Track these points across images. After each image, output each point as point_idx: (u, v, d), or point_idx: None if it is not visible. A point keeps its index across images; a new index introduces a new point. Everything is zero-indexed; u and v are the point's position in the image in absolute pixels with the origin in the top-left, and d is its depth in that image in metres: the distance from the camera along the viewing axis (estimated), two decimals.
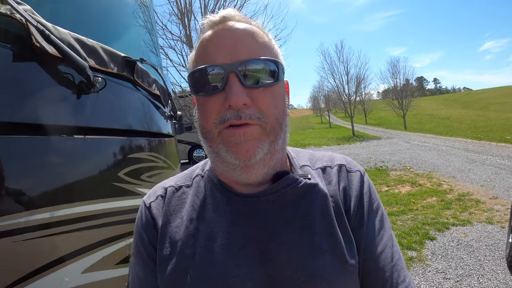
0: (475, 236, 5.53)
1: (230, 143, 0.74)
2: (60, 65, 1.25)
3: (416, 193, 8.55)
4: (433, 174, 10.84)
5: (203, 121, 0.78)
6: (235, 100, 0.70)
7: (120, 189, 1.51)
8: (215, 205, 0.83)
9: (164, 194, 0.91)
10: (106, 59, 1.49)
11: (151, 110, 2.05)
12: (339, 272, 0.76)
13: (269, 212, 0.80)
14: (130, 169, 1.60)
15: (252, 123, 0.72)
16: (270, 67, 0.75)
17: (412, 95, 43.96)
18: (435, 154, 15.42)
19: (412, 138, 26.41)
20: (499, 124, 33.94)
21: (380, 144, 22.55)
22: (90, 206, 1.32)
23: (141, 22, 2.22)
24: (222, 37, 0.75)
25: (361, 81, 35.33)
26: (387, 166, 13.01)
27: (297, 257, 0.76)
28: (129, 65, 1.69)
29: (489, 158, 13.31)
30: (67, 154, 1.27)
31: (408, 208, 7.32)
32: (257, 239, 0.78)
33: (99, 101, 1.45)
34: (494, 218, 6.30)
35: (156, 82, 2.10)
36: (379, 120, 61.78)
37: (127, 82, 1.74)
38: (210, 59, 0.74)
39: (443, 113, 61.14)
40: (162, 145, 2.14)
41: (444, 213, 6.84)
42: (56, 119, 1.23)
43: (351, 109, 33.91)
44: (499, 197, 7.72)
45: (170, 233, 0.83)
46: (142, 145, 1.79)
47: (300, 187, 0.81)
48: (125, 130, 1.63)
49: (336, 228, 0.80)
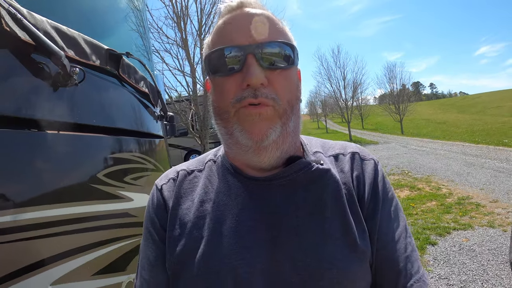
0: (477, 240, 5.43)
1: (245, 122, 0.75)
2: (33, 53, 1.12)
3: (415, 198, 8.45)
4: (432, 178, 10.75)
5: (220, 101, 0.80)
6: (254, 79, 0.72)
7: (100, 192, 1.38)
8: (226, 188, 0.85)
9: (176, 177, 0.92)
10: (88, 51, 1.37)
11: (138, 109, 1.92)
12: (350, 260, 0.76)
13: (280, 196, 0.81)
14: (111, 170, 1.47)
15: (266, 104, 0.74)
16: (286, 51, 0.77)
17: (409, 100, 44.08)
18: (433, 158, 15.34)
19: (409, 142, 26.36)
20: (495, 128, 34.06)
21: (377, 149, 22.44)
22: (62, 209, 1.16)
23: (133, 26, 2.12)
24: (240, 20, 0.77)
25: (358, 86, 35.45)
26: (385, 170, 12.79)
27: (306, 243, 0.76)
28: (113, 58, 1.57)
29: (487, 162, 13.24)
30: (37, 151, 1.13)
31: (407, 212, 7.20)
32: (267, 223, 0.78)
33: (78, 95, 1.33)
34: (496, 222, 6.21)
35: (145, 80, 1.98)
36: (375, 125, 61.94)
37: (111, 77, 1.62)
38: (228, 40, 0.76)
39: (439, 118, 61.38)
40: (150, 146, 2.01)
41: (445, 217, 6.73)
42: (27, 112, 1.09)
43: (348, 114, 33.88)
44: (499, 200, 7.63)
45: (180, 215, 0.85)
46: (126, 145, 1.67)
47: (312, 172, 0.82)
48: (107, 128, 1.51)
49: (348, 216, 0.80)
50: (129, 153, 1.65)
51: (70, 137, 1.27)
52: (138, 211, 1.62)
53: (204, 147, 10.24)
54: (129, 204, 1.58)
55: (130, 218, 1.59)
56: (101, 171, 1.40)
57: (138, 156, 1.74)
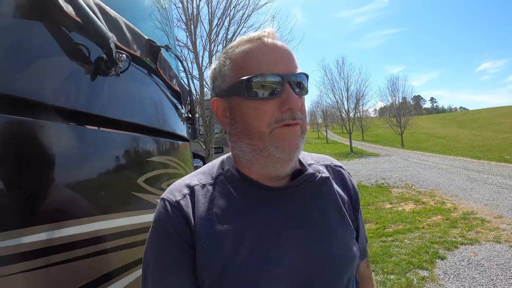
0: (485, 255, 5.38)
1: (281, 140, 0.85)
2: (76, 31, 0.97)
3: (421, 211, 8.37)
4: (436, 192, 10.69)
5: (255, 122, 0.86)
6: (296, 104, 0.84)
7: (140, 201, 1.25)
8: (245, 198, 0.91)
9: (190, 192, 0.93)
10: (129, 38, 1.26)
11: (171, 108, 1.81)
12: (348, 255, 0.94)
13: (294, 202, 0.91)
14: (151, 175, 1.34)
15: (299, 123, 0.87)
16: (305, 80, 0.90)
17: (410, 114, 44.11)
18: (436, 173, 15.26)
19: (410, 156, 26.29)
20: (496, 144, 34.07)
21: (379, 161, 22.38)
22: (101, 223, 1.02)
23: (159, 24, 2.03)
24: (275, 50, 0.87)
25: (361, 98, 35.40)
26: (388, 183, 12.85)
27: (317, 242, 0.90)
28: (153, 50, 1.48)
29: (490, 177, 13.17)
30: (71, 147, 0.96)
31: (414, 226, 7.13)
32: (289, 226, 0.89)
33: (118, 86, 1.20)
34: (502, 237, 6.16)
35: (177, 78, 1.89)
36: (376, 137, 61.92)
37: (148, 70, 1.52)
38: (268, 67, 0.85)
39: (439, 132, 61.42)
40: (181, 149, 1.89)
41: (451, 231, 6.68)
42: (63, 100, 0.93)
43: (350, 125, 33.82)
44: (504, 216, 7.59)
45: (206, 229, 0.86)
46: (162, 147, 1.55)
47: (317, 181, 0.95)
48: (144, 127, 1.39)
49: (346, 215, 0.99)
50: (165, 157, 1.54)
51: (107, 134, 1.14)
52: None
53: (209, 152, 10.13)
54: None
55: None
56: (141, 177, 1.27)
57: (172, 160, 1.63)
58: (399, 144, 42.80)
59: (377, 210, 8.72)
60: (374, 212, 8.49)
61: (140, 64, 1.42)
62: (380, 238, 6.42)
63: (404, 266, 5.09)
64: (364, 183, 12.88)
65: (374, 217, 7.93)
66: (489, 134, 47.00)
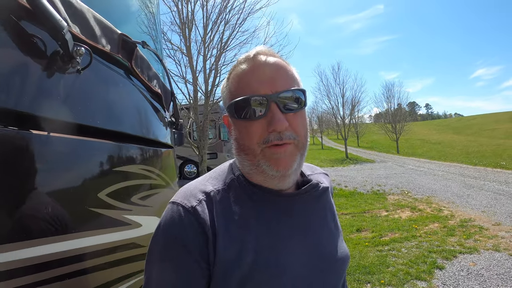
0: (484, 265, 5.25)
1: (271, 159, 0.88)
2: (26, 20, 0.83)
3: (417, 219, 8.24)
4: (432, 199, 10.59)
5: (246, 140, 0.90)
6: (279, 125, 0.85)
7: (101, 218, 1.07)
8: (257, 204, 0.93)
9: (206, 198, 0.92)
10: (97, 32, 1.10)
11: (149, 111, 1.62)
12: (346, 256, 1.03)
13: (304, 208, 0.98)
14: (116, 188, 1.16)
15: (289, 143, 0.88)
16: (300, 95, 0.91)
17: (405, 120, 44.19)
18: (432, 179, 15.18)
19: (406, 162, 26.27)
20: (491, 150, 34.21)
21: (374, 168, 22.28)
22: (52, 246, 0.86)
23: (145, 28, 1.86)
24: (261, 71, 0.89)
25: (356, 104, 35.37)
26: (384, 190, 12.71)
27: (323, 246, 0.98)
28: (127, 47, 1.31)
29: (486, 184, 13.14)
30: (18, 157, 0.79)
31: (411, 234, 6.99)
32: (298, 229, 0.95)
33: (78, 84, 1.02)
34: (501, 245, 6.07)
35: (158, 78, 1.69)
36: (371, 143, 62.05)
37: (121, 68, 1.35)
38: (253, 90, 0.88)
39: (435, 138, 61.66)
40: (160, 157, 1.70)
41: (449, 240, 6.54)
42: (7, 102, 0.77)
43: (345, 132, 33.73)
44: (502, 223, 7.52)
45: (226, 236, 0.86)
46: (134, 154, 1.36)
47: (320, 190, 1.03)
48: (112, 133, 1.20)
49: (338, 220, 1.10)
50: (136, 166, 1.35)
51: (63, 140, 0.96)
52: (146, 240, 1.35)
53: (202, 157, 9.95)
54: (136, 232, 1.29)
55: (138, 249, 1.28)
56: (104, 190, 1.10)
57: (146, 170, 1.45)
58: (394, 150, 42.85)
59: (373, 217, 8.55)
60: (370, 220, 8.32)
61: (110, 61, 1.24)
62: (376, 247, 6.24)
63: (402, 277, 4.91)
64: (360, 190, 12.73)
65: (370, 225, 7.76)
66: (484, 140, 47.19)
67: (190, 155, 16.57)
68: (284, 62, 0.95)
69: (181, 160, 17.87)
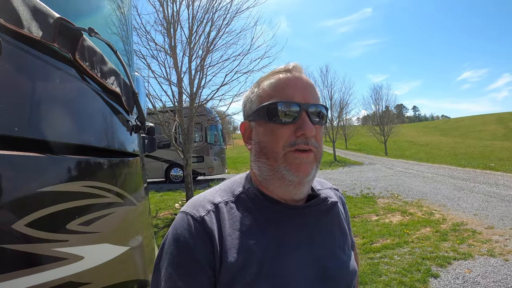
0: (480, 272, 5.06)
1: (293, 164, 0.93)
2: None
3: (409, 223, 8.02)
4: (423, 202, 10.42)
5: (271, 143, 0.95)
6: (310, 131, 0.92)
7: (17, 256, 0.80)
8: (266, 216, 0.97)
9: (214, 208, 0.96)
10: (23, 14, 0.84)
11: (103, 115, 1.34)
12: (354, 270, 1.05)
13: (311, 221, 1.00)
14: (41, 214, 0.88)
15: (312, 150, 0.95)
16: (324, 111, 1.00)
17: (393, 122, 44.36)
18: (421, 181, 15.06)
19: (394, 164, 26.24)
20: (478, 151, 34.54)
21: (363, 170, 22.09)
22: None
23: (115, 29, 1.59)
24: (298, 82, 0.97)
25: (344, 106, 35.33)
26: (373, 193, 12.48)
27: (331, 260, 0.99)
28: (68, 35, 1.03)
29: (477, 186, 13.07)
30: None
31: (403, 240, 6.77)
32: (306, 242, 0.97)
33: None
34: (495, 250, 5.90)
35: (117, 75, 1.40)
36: (359, 145, 62.28)
37: (61, 61, 1.06)
38: (288, 96, 0.95)
39: (422, 140, 62.18)
40: (115, 168, 1.41)
41: (442, 245, 6.34)
42: None
43: (334, 134, 33.61)
44: (495, 227, 7.39)
45: (232, 246, 0.90)
46: (76, 169, 1.08)
47: (329, 204, 1.06)
48: (40, 142, 0.94)
49: (347, 234, 1.13)
50: (77, 183, 1.06)
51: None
52: (93, 275, 1.07)
53: (187, 161, 9.64)
54: (76, 267, 1.00)
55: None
56: (22, 218, 0.82)
57: (92, 186, 1.15)
58: (382, 152, 42.99)
59: (363, 222, 8.32)
60: (360, 225, 8.09)
61: (42, 51, 0.96)
62: (367, 254, 6.00)
63: (395, 287, 4.66)
64: (349, 194, 12.49)
65: (361, 231, 7.53)
66: (471, 141, 47.65)
67: (176, 159, 16.29)
68: (312, 81, 1.02)
69: (167, 164, 17.59)
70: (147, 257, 1.70)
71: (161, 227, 8.33)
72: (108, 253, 1.23)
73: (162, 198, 12.55)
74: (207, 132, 16.76)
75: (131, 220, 1.52)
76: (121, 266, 1.37)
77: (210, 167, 17.16)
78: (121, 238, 1.39)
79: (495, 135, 51.97)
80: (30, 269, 0.83)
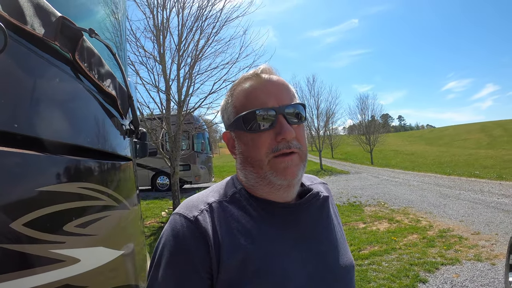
0: (468, 276, 5.13)
1: (279, 169, 0.93)
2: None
3: (396, 230, 8.09)
4: (409, 210, 10.52)
5: (253, 152, 0.96)
6: (289, 134, 0.91)
7: (16, 257, 0.78)
8: (260, 215, 0.96)
9: (209, 208, 0.95)
10: (26, 10, 0.83)
11: (98, 117, 1.33)
12: (351, 264, 1.05)
13: (304, 217, 1.00)
14: (39, 214, 0.86)
15: (296, 151, 0.94)
16: (301, 109, 0.99)
17: (379, 131, 44.76)
18: (407, 190, 15.22)
19: (380, 173, 26.47)
20: (463, 160, 34.99)
21: (349, 179, 22.25)
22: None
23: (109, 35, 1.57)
24: (268, 87, 0.97)
25: (331, 116, 35.54)
26: (360, 201, 12.57)
27: (327, 255, 0.99)
28: (69, 34, 1.02)
29: (462, 193, 13.24)
30: None
31: (390, 247, 6.81)
32: (301, 238, 0.97)
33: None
34: (482, 255, 6.00)
35: (113, 78, 1.39)
36: (345, 154, 62.66)
37: (60, 61, 1.05)
38: (261, 103, 0.95)
39: (408, 149, 62.86)
40: (111, 171, 1.39)
41: (430, 251, 6.41)
42: None
43: (320, 143, 33.78)
44: (481, 232, 7.52)
45: (228, 246, 0.89)
46: (72, 170, 1.06)
47: (321, 199, 1.06)
48: (39, 141, 0.92)
49: (342, 229, 1.13)
50: (73, 184, 1.04)
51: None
52: (88, 278, 1.05)
53: (174, 169, 9.57)
54: (73, 270, 0.97)
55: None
56: (20, 218, 0.79)
57: (88, 188, 1.13)
58: (368, 162, 43.29)
59: (351, 230, 8.35)
60: (348, 232, 8.10)
61: (43, 49, 0.94)
62: (356, 261, 5.99)
63: None
64: (336, 202, 12.47)
65: (348, 238, 7.53)
66: (456, 150, 48.30)
67: (163, 167, 16.15)
68: (285, 80, 1.02)
69: (154, 172, 17.44)
70: (139, 263, 1.67)
71: (148, 235, 8.24)
72: (103, 257, 1.21)
73: (148, 206, 12.42)
74: (194, 140, 16.69)
75: (125, 225, 1.49)
76: (115, 270, 1.35)
77: (196, 175, 17.07)
78: (116, 242, 1.36)
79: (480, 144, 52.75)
80: (27, 271, 0.81)
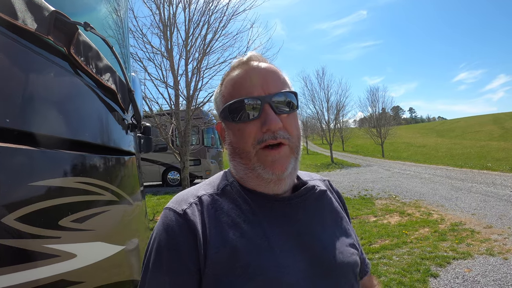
0: (480, 271, 5.05)
1: (266, 162, 0.91)
2: None
3: (407, 224, 8.00)
4: (421, 203, 10.40)
5: (241, 143, 0.94)
6: (274, 124, 0.89)
7: (7, 252, 0.77)
8: (252, 208, 0.94)
9: (198, 201, 0.94)
10: (18, 5, 0.83)
11: (98, 111, 1.31)
12: (349, 260, 0.98)
13: (299, 212, 0.98)
14: (33, 208, 0.85)
15: (284, 143, 0.92)
16: (291, 98, 0.96)
17: (389, 124, 44.43)
18: (419, 182, 15.06)
19: (391, 166, 26.25)
20: (475, 152, 34.63)
21: (360, 172, 22.12)
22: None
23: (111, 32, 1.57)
24: (255, 75, 0.95)
25: (341, 108, 35.28)
26: (371, 194, 12.48)
27: (328, 244, 0.97)
28: (63, 28, 1.01)
29: (474, 186, 13.07)
30: None
31: (401, 240, 6.74)
32: (295, 232, 0.94)
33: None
34: (494, 249, 5.90)
35: (112, 72, 1.38)
36: (356, 147, 62.43)
37: (55, 55, 1.04)
38: (247, 92, 0.93)
39: (419, 142, 62.31)
40: (110, 166, 1.38)
41: (441, 245, 6.32)
42: None
43: (330, 136, 33.63)
44: (493, 226, 7.40)
45: (216, 239, 0.87)
46: (70, 164, 1.06)
47: (317, 193, 1.04)
48: (34, 136, 0.91)
49: (346, 221, 1.09)
50: (71, 179, 1.04)
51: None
52: (85, 273, 1.04)
53: (184, 164, 9.57)
54: (68, 265, 0.97)
55: (73, 287, 1.00)
56: (13, 212, 0.79)
57: (87, 183, 1.12)
58: (379, 154, 43.03)
59: (362, 224, 8.29)
60: (359, 226, 8.06)
61: (37, 44, 0.94)
62: (366, 255, 5.96)
63: (395, 287, 4.66)
64: (347, 195, 12.46)
65: (359, 232, 7.49)
66: (468, 142, 47.79)
67: (173, 162, 16.25)
68: (275, 67, 1.00)
69: (164, 167, 17.52)
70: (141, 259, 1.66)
71: None
72: (101, 252, 1.20)
73: (159, 201, 12.47)
74: (204, 135, 16.72)
75: (126, 220, 1.49)
76: (115, 266, 1.34)
77: (207, 170, 17.10)
78: (116, 237, 1.36)
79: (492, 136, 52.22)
80: (20, 265, 0.80)
